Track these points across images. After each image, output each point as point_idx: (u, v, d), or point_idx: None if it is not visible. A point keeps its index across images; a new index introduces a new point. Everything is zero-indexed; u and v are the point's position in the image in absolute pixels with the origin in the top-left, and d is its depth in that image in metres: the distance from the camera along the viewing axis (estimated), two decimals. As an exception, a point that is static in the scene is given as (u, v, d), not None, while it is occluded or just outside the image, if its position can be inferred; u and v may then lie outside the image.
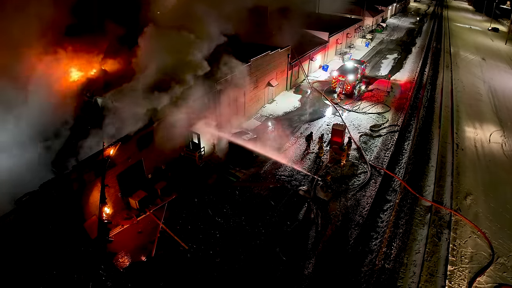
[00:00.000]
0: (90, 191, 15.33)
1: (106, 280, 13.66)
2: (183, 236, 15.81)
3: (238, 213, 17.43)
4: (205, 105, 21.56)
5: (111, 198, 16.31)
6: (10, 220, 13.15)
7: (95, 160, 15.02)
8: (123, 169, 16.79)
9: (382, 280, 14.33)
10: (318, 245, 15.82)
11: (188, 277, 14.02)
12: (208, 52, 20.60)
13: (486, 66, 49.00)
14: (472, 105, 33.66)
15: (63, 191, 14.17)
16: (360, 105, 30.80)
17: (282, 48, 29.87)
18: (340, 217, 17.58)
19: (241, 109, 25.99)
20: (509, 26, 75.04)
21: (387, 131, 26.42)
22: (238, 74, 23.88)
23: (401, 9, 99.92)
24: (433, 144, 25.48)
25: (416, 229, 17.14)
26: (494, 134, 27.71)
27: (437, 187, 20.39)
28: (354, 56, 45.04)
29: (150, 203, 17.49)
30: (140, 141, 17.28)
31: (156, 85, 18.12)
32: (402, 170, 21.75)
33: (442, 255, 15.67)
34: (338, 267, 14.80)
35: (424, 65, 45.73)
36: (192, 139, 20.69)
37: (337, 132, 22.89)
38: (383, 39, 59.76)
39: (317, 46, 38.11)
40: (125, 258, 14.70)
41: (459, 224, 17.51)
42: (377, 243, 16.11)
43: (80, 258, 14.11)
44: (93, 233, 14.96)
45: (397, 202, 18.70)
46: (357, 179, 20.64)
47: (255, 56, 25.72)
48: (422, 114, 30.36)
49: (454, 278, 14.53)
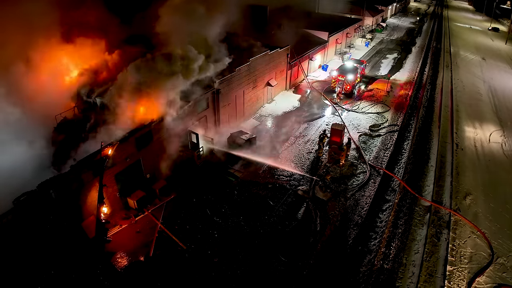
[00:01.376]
0: (88, 190, 15.28)
1: (104, 280, 13.62)
2: (181, 236, 15.77)
3: (237, 213, 17.39)
4: (204, 105, 21.54)
5: (109, 198, 16.28)
6: (8, 220, 13.11)
7: (93, 159, 14.98)
8: (122, 169, 16.74)
9: (381, 280, 14.28)
10: (316, 245, 15.77)
11: (186, 277, 13.97)
12: (207, 52, 20.61)
13: (486, 66, 48.92)
14: (472, 105, 33.60)
15: (61, 191, 14.12)
16: (360, 105, 30.75)
17: (281, 48, 29.82)
18: (339, 217, 17.54)
19: (240, 109, 25.94)
20: (509, 26, 74.96)
21: (386, 131, 26.38)
22: (237, 73, 23.85)
23: (401, 9, 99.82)
24: (432, 143, 25.42)
25: (415, 229, 17.09)
26: (494, 134, 27.65)
27: (437, 187, 20.34)
28: (353, 55, 44.99)
29: (148, 203, 17.46)
30: (139, 141, 17.23)
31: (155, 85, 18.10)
32: (401, 170, 21.70)
33: (441, 255, 15.62)
34: (336, 267, 14.76)
35: (424, 65, 45.66)
36: (190, 139, 20.64)
37: (336, 132, 22.83)
38: (383, 38, 59.70)
39: (317, 46, 38.05)
40: (123, 258, 14.66)
41: (459, 224, 17.46)
42: (376, 243, 16.07)
43: (78, 258, 14.06)
44: (91, 233, 14.92)
45: (396, 202, 18.65)
46: (356, 179, 20.60)
47: (254, 56, 25.67)
48: (421, 114, 30.30)
49: (453, 278, 14.48)
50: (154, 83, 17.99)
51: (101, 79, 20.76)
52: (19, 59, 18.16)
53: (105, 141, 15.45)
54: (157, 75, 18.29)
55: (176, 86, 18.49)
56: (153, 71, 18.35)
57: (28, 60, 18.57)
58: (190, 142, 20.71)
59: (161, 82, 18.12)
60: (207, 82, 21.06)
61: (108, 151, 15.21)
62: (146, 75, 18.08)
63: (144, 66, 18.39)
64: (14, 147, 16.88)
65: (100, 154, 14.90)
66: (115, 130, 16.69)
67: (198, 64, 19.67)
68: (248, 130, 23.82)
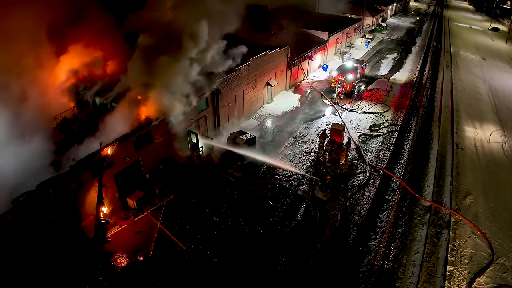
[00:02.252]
0: (87, 191, 15.25)
1: (103, 280, 13.59)
2: (181, 236, 15.74)
3: (236, 213, 17.36)
4: (204, 105, 21.51)
5: (108, 198, 16.25)
6: (7, 220, 13.08)
7: (93, 159, 14.95)
8: (121, 169, 16.72)
9: (381, 280, 14.25)
10: (316, 245, 15.74)
11: (186, 277, 13.94)
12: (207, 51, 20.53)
13: (486, 65, 48.87)
14: (472, 105, 33.56)
15: (60, 191, 14.10)
16: (360, 105, 30.71)
17: (281, 48, 29.79)
18: (338, 217, 17.51)
19: (240, 109, 25.92)
20: (509, 25, 74.90)
21: (386, 131, 26.34)
22: (237, 73, 23.82)
23: (401, 9, 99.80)
24: (432, 143, 25.39)
25: (415, 229, 17.05)
26: (494, 134, 27.61)
27: (437, 187, 20.30)
28: (353, 55, 44.95)
29: (148, 203, 17.43)
30: (138, 141, 17.21)
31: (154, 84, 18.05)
32: (401, 170, 21.66)
33: (441, 255, 15.59)
34: (336, 267, 14.72)
35: (424, 64, 45.62)
36: (190, 139, 20.61)
37: (336, 132, 22.79)
38: (383, 38, 59.66)
39: (317, 46, 38.02)
40: (122, 258, 14.64)
41: (459, 224, 17.43)
42: (375, 243, 16.03)
43: (78, 258, 14.03)
44: (90, 233, 14.88)
45: (396, 202, 18.62)
46: (356, 179, 20.56)
47: (254, 56, 25.65)
48: (421, 114, 30.27)
49: (454, 278, 14.44)
50: (154, 83, 17.96)
51: (100, 78, 20.69)
52: (15, 56, 18.08)
53: (104, 141, 15.42)
54: (157, 75, 18.25)
55: (176, 86, 18.45)
56: (153, 72, 18.32)
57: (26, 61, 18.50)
58: (189, 142, 20.68)
59: (161, 82, 18.09)
60: (207, 81, 20.99)
61: (107, 151, 15.18)
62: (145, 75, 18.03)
63: (143, 65, 18.32)
64: (13, 147, 16.84)
65: (99, 154, 14.87)
66: (114, 130, 16.66)
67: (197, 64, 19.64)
68: (248, 130, 23.79)
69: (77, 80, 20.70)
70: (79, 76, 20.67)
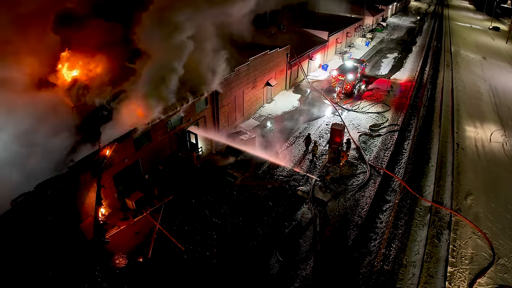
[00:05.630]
0: (86, 192, 15.20)
1: (102, 281, 13.53)
2: (180, 237, 15.66)
3: (236, 214, 17.28)
4: (203, 105, 21.44)
5: (107, 199, 16.19)
6: (6, 220, 13.01)
7: (91, 160, 14.89)
8: (120, 169, 16.65)
9: (381, 281, 14.17)
10: (316, 246, 15.66)
11: (185, 278, 13.88)
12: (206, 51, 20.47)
13: (487, 65, 48.79)
14: (473, 104, 33.47)
15: (59, 192, 14.04)
16: (360, 105, 30.62)
17: (281, 48, 29.70)
18: (338, 217, 17.43)
19: (239, 109, 25.84)
20: (510, 25, 74.76)
21: (386, 131, 26.25)
22: (236, 73, 23.73)
23: (401, 8, 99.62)
24: (433, 143, 25.30)
25: (416, 230, 16.97)
26: (495, 134, 27.52)
27: (437, 187, 20.22)
28: (354, 55, 44.83)
29: (147, 204, 17.33)
30: (137, 142, 17.14)
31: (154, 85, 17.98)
32: (401, 170, 21.58)
33: (442, 256, 15.51)
34: (336, 268, 14.64)
35: (424, 64, 45.52)
36: (189, 139, 20.54)
37: (336, 132, 22.73)
38: (383, 38, 59.55)
39: (317, 45, 37.93)
40: (121, 259, 14.57)
41: (459, 225, 17.34)
42: (376, 244, 15.95)
43: (76, 259, 13.97)
44: (89, 234, 14.81)
45: (397, 203, 18.53)
46: (356, 179, 20.48)
47: (253, 55, 25.56)
48: (422, 113, 30.18)
49: (454, 279, 14.36)
50: (153, 82, 17.89)
51: (99, 79, 20.60)
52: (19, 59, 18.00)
53: (103, 142, 15.35)
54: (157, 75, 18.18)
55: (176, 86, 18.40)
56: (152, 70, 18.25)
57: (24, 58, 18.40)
58: (189, 143, 20.60)
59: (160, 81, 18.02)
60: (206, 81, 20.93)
61: (106, 151, 15.12)
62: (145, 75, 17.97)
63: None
64: (12, 147, 16.75)
65: (98, 155, 14.80)
66: (113, 130, 16.57)
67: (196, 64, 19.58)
68: (247, 130, 23.73)
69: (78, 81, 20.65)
70: (79, 77, 20.62)
